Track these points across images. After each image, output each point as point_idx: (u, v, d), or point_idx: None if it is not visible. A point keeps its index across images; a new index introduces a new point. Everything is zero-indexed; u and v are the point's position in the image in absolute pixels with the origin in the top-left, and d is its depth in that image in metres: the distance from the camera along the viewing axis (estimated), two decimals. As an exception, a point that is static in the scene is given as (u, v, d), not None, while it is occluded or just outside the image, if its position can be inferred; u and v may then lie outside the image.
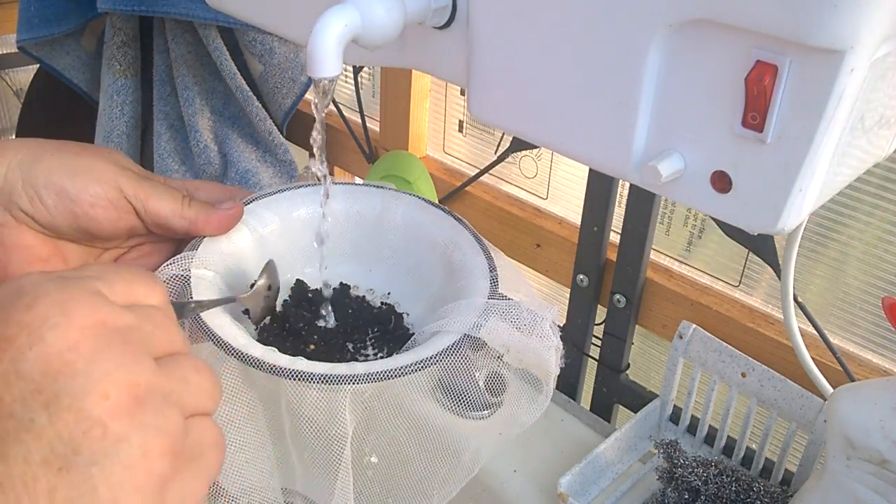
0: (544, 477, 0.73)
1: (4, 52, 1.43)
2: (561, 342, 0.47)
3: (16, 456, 0.27)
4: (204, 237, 0.49)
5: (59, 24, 0.95)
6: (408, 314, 0.54)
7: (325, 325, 0.52)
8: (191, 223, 0.48)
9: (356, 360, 0.50)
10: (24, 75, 1.42)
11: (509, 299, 0.47)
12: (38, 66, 1.08)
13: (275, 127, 0.99)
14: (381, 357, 0.50)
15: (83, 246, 0.48)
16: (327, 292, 0.53)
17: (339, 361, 0.44)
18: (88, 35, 1.01)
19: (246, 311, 0.50)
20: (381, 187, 0.56)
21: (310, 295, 0.53)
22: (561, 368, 0.47)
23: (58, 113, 1.12)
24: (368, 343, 0.51)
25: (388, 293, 0.55)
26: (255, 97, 0.96)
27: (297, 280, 0.54)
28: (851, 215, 0.69)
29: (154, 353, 0.31)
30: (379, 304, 0.54)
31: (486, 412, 0.58)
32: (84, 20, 0.97)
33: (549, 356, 0.46)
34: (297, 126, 1.05)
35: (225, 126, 1.00)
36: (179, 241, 0.50)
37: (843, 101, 0.31)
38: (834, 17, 0.28)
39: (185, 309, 0.43)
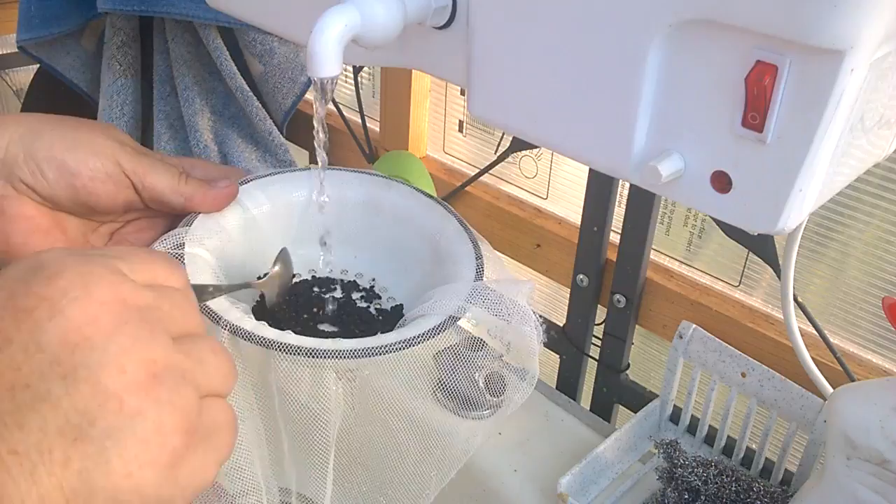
0: (544, 477, 0.73)
1: (4, 52, 1.43)
2: (539, 318, 0.49)
3: (32, 425, 0.27)
4: (198, 214, 0.50)
5: (59, 24, 0.95)
6: (393, 298, 0.55)
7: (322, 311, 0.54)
8: (187, 199, 0.49)
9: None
10: (24, 75, 1.42)
11: (492, 289, 0.48)
12: (38, 66, 1.08)
13: (275, 127, 0.99)
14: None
15: (82, 219, 0.50)
16: (336, 289, 0.55)
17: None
18: (88, 35, 1.01)
19: (261, 297, 0.51)
20: (372, 174, 0.58)
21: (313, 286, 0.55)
22: (561, 368, 0.48)
23: (58, 113, 1.11)
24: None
25: (374, 279, 0.56)
26: (255, 97, 0.96)
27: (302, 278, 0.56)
28: (851, 215, 0.69)
29: (172, 332, 0.32)
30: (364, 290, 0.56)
31: (486, 412, 0.58)
32: (84, 20, 0.97)
33: (531, 333, 0.48)
34: (297, 126, 1.05)
35: (225, 126, 1.00)
36: (174, 218, 0.51)
37: (843, 102, 0.31)
38: (834, 17, 0.28)
39: (204, 293, 0.44)
